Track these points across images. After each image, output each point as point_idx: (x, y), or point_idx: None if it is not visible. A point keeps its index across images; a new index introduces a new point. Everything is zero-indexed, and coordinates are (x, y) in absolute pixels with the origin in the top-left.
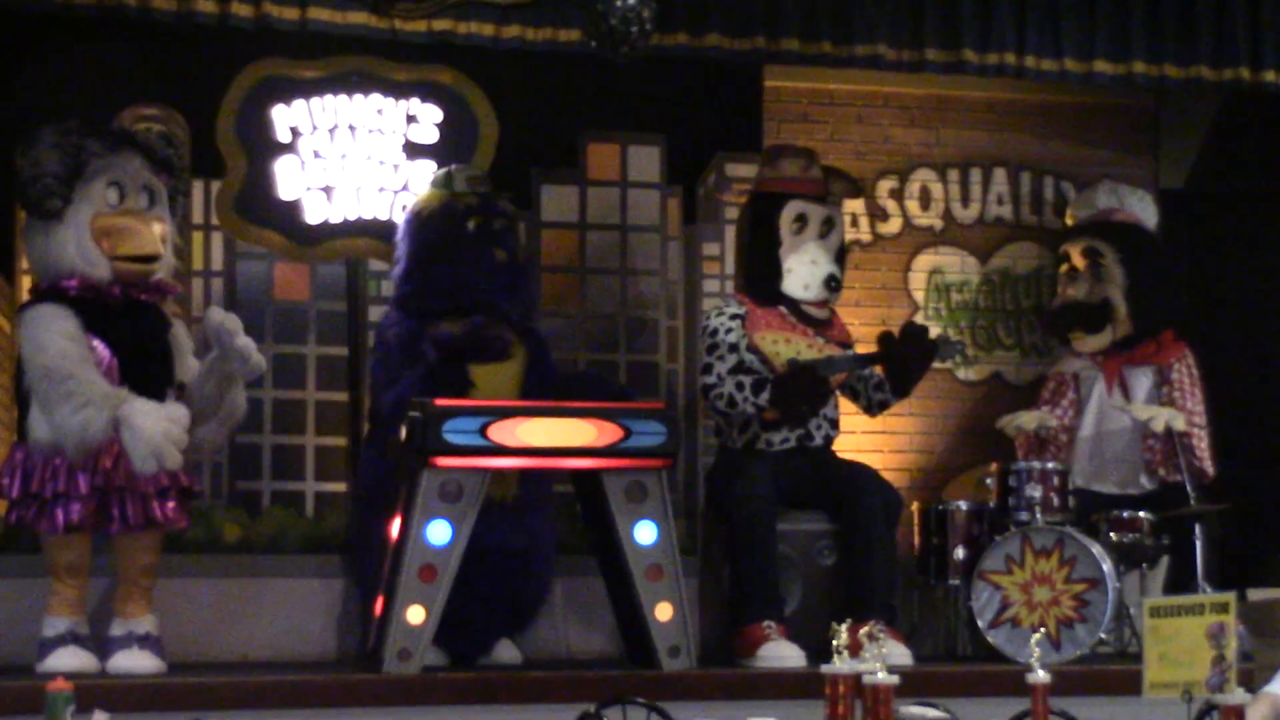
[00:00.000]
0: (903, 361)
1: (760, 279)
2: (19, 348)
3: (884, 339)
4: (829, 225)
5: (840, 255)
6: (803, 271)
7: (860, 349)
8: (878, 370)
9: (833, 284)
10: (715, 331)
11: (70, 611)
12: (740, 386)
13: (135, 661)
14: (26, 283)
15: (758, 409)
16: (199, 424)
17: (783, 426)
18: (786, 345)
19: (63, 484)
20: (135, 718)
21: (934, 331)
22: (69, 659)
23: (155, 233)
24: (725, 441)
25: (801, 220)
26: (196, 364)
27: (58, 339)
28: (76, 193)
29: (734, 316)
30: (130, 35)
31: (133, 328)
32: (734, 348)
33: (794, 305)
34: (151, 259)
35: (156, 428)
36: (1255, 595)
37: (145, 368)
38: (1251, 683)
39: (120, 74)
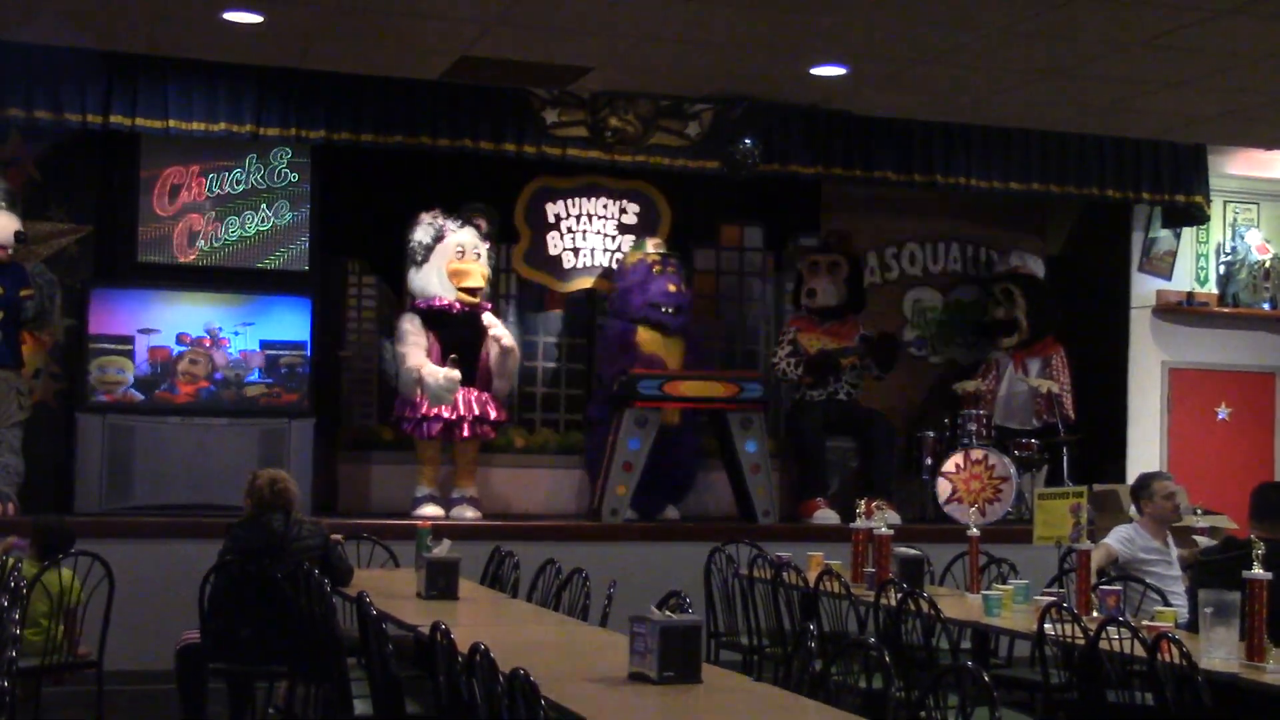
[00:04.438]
0: (878, 356)
1: (800, 297)
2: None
3: (865, 340)
4: (835, 266)
5: (844, 282)
6: (820, 290)
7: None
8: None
9: (831, 296)
10: (783, 334)
11: (430, 482)
12: (789, 364)
13: (465, 512)
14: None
15: (798, 377)
16: (496, 379)
17: (816, 386)
18: (817, 341)
19: (424, 411)
20: (466, 543)
21: (909, 335)
22: (429, 509)
23: (478, 274)
24: (795, 396)
25: (814, 265)
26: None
27: (406, 332)
28: (435, 251)
29: (792, 326)
30: (467, 163)
31: (461, 328)
32: (791, 342)
33: (821, 314)
34: (475, 290)
35: (435, 384)
36: (1097, 488)
37: (466, 351)
38: (1095, 537)
39: (457, 184)
